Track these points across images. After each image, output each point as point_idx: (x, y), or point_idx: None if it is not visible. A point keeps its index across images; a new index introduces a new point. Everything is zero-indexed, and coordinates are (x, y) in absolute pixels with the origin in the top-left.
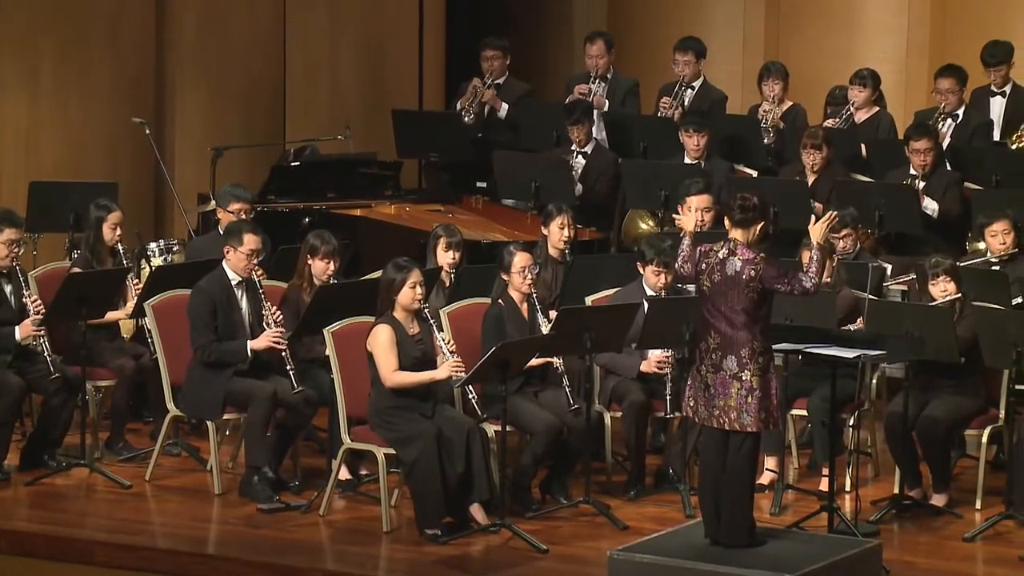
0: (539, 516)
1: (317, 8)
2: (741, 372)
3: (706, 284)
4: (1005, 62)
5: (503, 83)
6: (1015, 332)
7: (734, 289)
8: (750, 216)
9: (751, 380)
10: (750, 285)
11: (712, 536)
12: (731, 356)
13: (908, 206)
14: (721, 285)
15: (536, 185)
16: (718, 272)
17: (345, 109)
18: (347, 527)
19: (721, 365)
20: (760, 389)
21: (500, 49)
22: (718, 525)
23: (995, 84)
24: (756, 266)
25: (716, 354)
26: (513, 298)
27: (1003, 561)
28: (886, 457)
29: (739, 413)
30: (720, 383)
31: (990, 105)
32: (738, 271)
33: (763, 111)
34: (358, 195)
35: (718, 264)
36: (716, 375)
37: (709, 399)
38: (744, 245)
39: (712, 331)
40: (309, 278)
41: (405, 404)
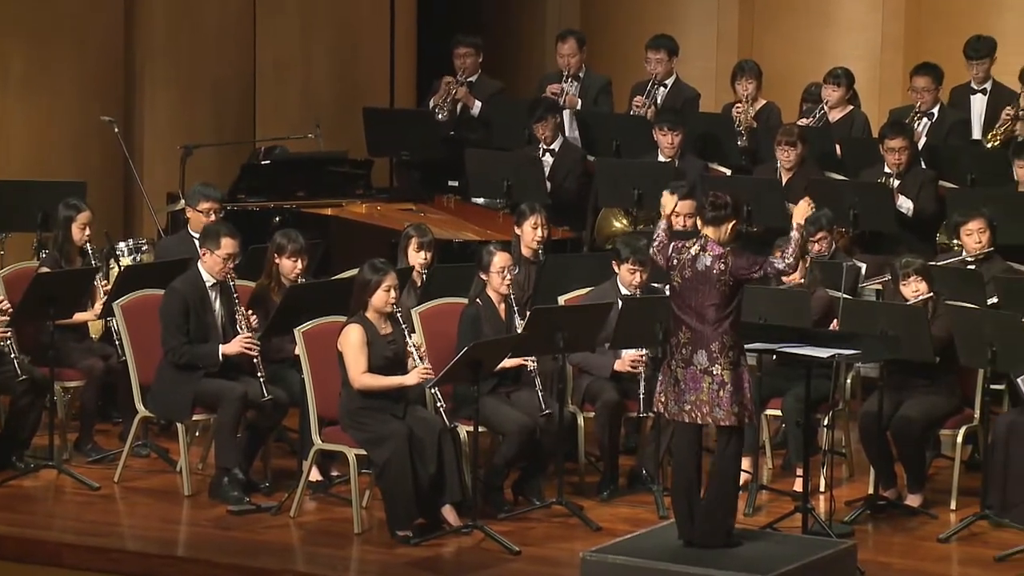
0: (511, 517)
1: (287, 5)
2: (711, 367)
3: (677, 280)
4: (988, 56)
5: (475, 81)
6: (990, 331)
7: (705, 285)
8: (722, 214)
9: (722, 375)
10: (721, 279)
11: (686, 538)
12: (701, 351)
13: (883, 205)
14: (692, 281)
15: (508, 184)
16: (689, 268)
17: (316, 107)
18: (318, 529)
19: (691, 360)
20: (732, 383)
21: (472, 46)
22: (691, 526)
23: (976, 80)
24: (724, 260)
25: (686, 349)
26: (491, 298)
27: (978, 562)
28: (860, 457)
29: (711, 407)
30: (691, 378)
31: (970, 103)
32: (708, 266)
33: (736, 111)
34: (329, 194)
35: (689, 260)
36: (686, 370)
37: (679, 394)
38: (715, 242)
39: (683, 327)
40: (277, 277)
41: (376, 405)
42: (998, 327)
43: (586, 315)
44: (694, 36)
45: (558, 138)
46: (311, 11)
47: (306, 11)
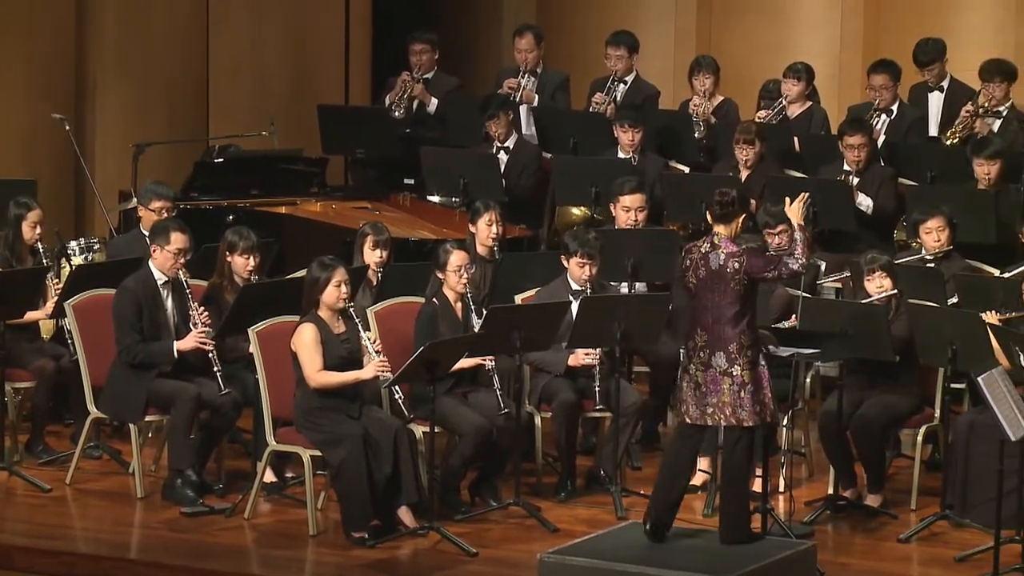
0: (468, 519)
1: (240, 1)
2: (731, 368)
3: (691, 281)
4: (937, 60)
5: (432, 77)
6: (951, 330)
7: (720, 283)
8: (731, 210)
9: (742, 375)
10: (735, 278)
11: (654, 521)
12: (720, 353)
13: (842, 202)
14: (707, 280)
15: (464, 181)
16: (703, 267)
17: (270, 104)
18: (272, 530)
19: (710, 362)
20: (752, 383)
21: (428, 43)
22: (667, 514)
23: (931, 80)
24: (739, 258)
25: (704, 352)
26: (447, 297)
27: (938, 562)
28: (820, 457)
29: (734, 409)
30: (711, 380)
31: (928, 101)
32: (722, 264)
33: (694, 105)
34: (283, 192)
35: (701, 259)
36: (706, 373)
37: (700, 398)
38: (727, 238)
39: (699, 328)
40: (229, 275)
41: (331, 405)
42: (958, 326)
43: (543, 314)
44: (652, 33)
45: (512, 135)
46: (264, 7)
47: (259, 7)
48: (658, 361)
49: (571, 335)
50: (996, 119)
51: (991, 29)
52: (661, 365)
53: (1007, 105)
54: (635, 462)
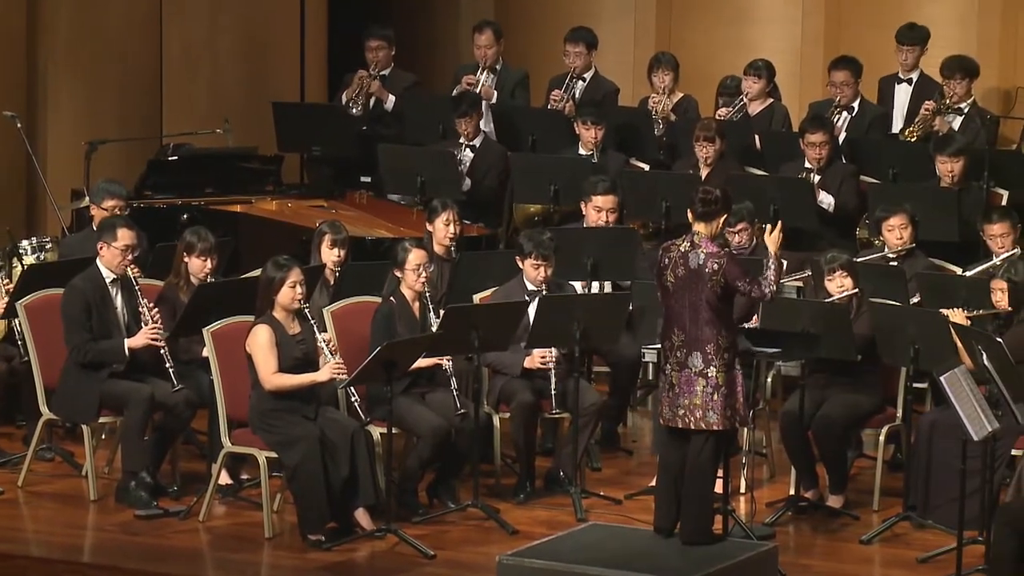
0: (426, 520)
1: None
2: (707, 369)
3: (670, 280)
4: (920, 44)
5: (389, 74)
6: (913, 329)
7: (698, 283)
8: (713, 209)
9: (717, 377)
10: (713, 279)
11: (664, 528)
12: (696, 353)
13: (803, 200)
14: (685, 279)
15: (422, 179)
16: (681, 266)
17: (224, 101)
18: (228, 533)
19: (686, 363)
20: (726, 386)
21: (384, 39)
22: (673, 517)
23: (904, 68)
24: (720, 260)
25: (681, 352)
26: (405, 296)
27: (901, 563)
28: (782, 457)
29: (704, 411)
30: (685, 381)
31: (895, 92)
32: (701, 264)
33: (653, 102)
34: (238, 190)
35: (680, 258)
36: (681, 373)
37: (674, 399)
38: (707, 238)
39: (676, 328)
40: (186, 276)
41: (287, 406)
42: (921, 325)
43: (501, 314)
44: (611, 29)
45: (480, 134)
46: (219, 3)
47: (214, 3)
48: (618, 361)
49: (529, 335)
50: (957, 116)
51: (953, 25)
52: (621, 365)
53: (968, 102)
54: (595, 463)
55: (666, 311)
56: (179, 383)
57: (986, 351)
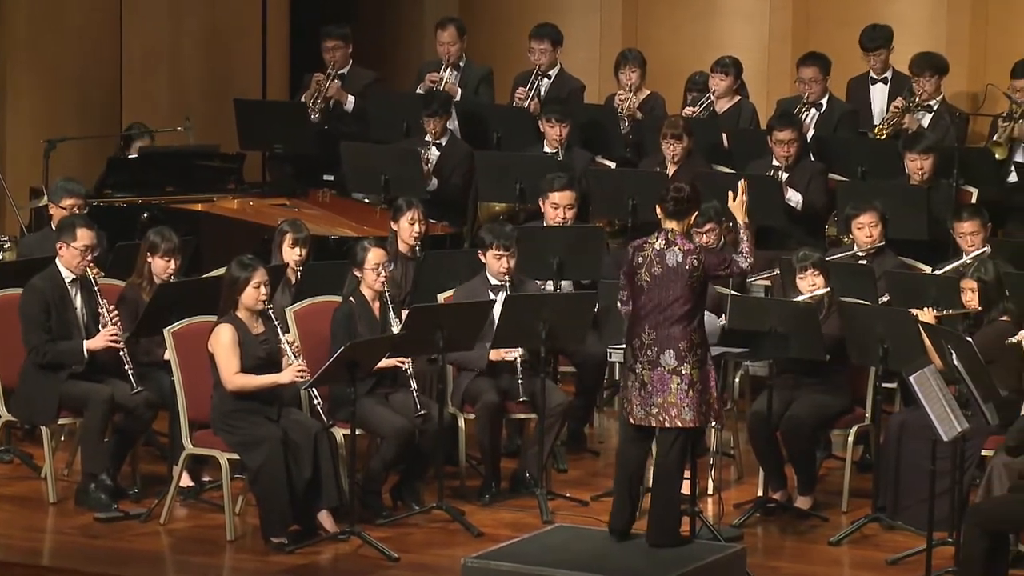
0: (390, 523)
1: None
2: (680, 366)
3: (645, 279)
4: (884, 47)
5: (347, 73)
6: (882, 329)
7: (676, 281)
8: (685, 206)
9: (691, 374)
10: (694, 276)
11: (619, 528)
12: (669, 351)
13: (771, 198)
14: (662, 278)
15: (386, 178)
16: (658, 265)
17: (185, 99)
18: (189, 536)
19: (659, 361)
20: (700, 382)
21: (341, 38)
22: (629, 519)
23: (875, 70)
24: (698, 256)
25: (652, 350)
26: (365, 296)
27: (870, 565)
28: (749, 458)
29: (679, 409)
30: (658, 379)
31: (871, 93)
32: (680, 262)
33: (619, 99)
34: (199, 189)
35: (656, 256)
36: (653, 372)
37: (646, 397)
38: (682, 235)
39: (647, 326)
40: (149, 277)
41: (249, 407)
42: (890, 324)
43: (466, 313)
44: (576, 26)
45: (446, 133)
46: (179, 0)
47: (174, 0)
48: (584, 361)
49: (495, 335)
50: (927, 113)
51: (922, 22)
52: (587, 365)
53: (938, 99)
54: (561, 464)
55: (636, 309)
56: (139, 385)
57: (956, 351)
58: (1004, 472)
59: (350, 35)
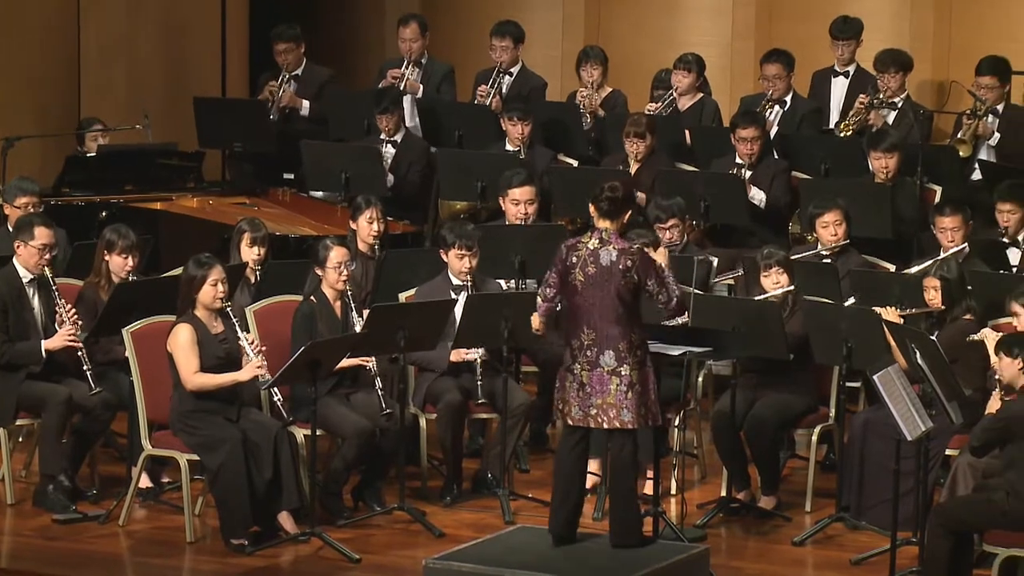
0: (351, 524)
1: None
2: (620, 367)
3: (579, 278)
4: (854, 38)
5: (302, 73)
6: (846, 328)
7: (610, 280)
8: (619, 205)
9: (630, 375)
10: (627, 275)
11: (557, 532)
12: (608, 351)
13: (734, 196)
14: (596, 277)
15: (346, 176)
16: (592, 264)
17: (144, 97)
18: (148, 538)
19: (598, 361)
20: (640, 384)
21: (292, 40)
22: (568, 524)
23: (840, 62)
24: (633, 256)
25: (591, 351)
26: (326, 295)
27: (834, 565)
28: (713, 458)
29: (618, 410)
30: (597, 380)
31: (832, 87)
32: (613, 261)
33: (581, 96)
34: (158, 187)
35: (590, 255)
36: (592, 372)
37: (584, 398)
38: (616, 234)
39: (585, 327)
40: (107, 275)
41: (209, 408)
42: (854, 323)
43: (428, 312)
44: (538, 22)
45: (401, 130)
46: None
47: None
48: (547, 361)
49: (457, 334)
50: (891, 111)
51: (886, 18)
52: (550, 365)
53: (902, 96)
54: (523, 464)
55: (574, 310)
56: (97, 385)
57: (920, 349)
58: (968, 471)
59: (300, 35)
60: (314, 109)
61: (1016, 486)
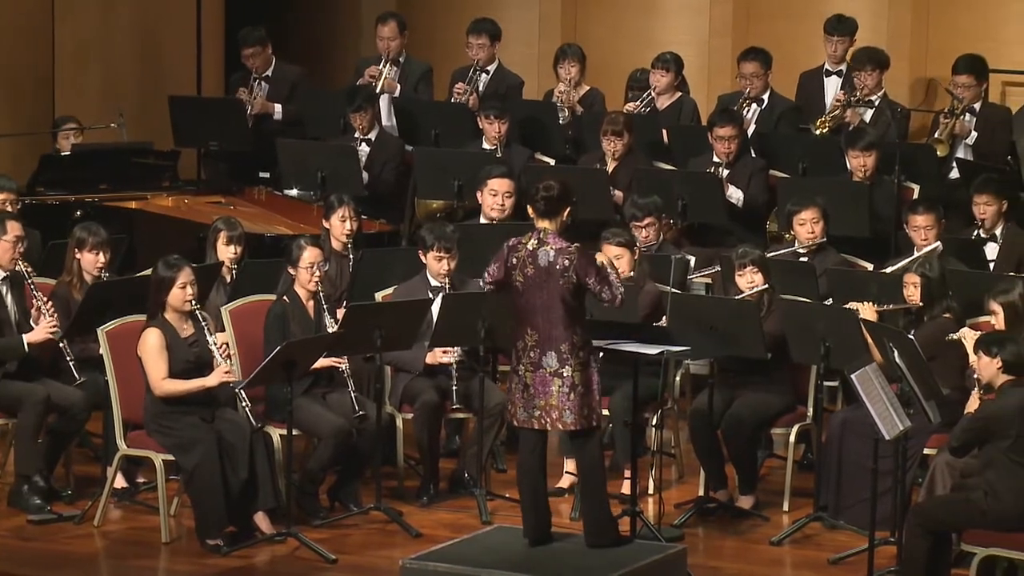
0: (327, 524)
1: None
2: (562, 368)
3: (519, 279)
4: (848, 36)
5: (272, 74)
6: (823, 327)
7: (549, 280)
8: (556, 205)
9: (572, 376)
10: (565, 275)
11: (531, 537)
12: (551, 352)
13: (712, 195)
14: (535, 278)
15: (322, 175)
16: (530, 265)
17: (118, 95)
18: (124, 538)
19: (540, 363)
20: (582, 385)
21: (258, 43)
22: (540, 527)
23: (832, 60)
24: (570, 256)
25: (534, 352)
26: (299, 295)
27: (812, 565)
28: (690, 458)
29: (561, 412)
30: (540, 382)
31: (824, 86)
32: (551, 261)
33: (559, 93)
34: (133, 186)
35: (528, 256)
36: (535, 374)
37: (528, 400)
38: (555, 234)
39: (528, 328)
40: (79, 273)
41: (183, 408)
42: (831, 322)
43: (404, 312)
44: (515, 21)
45: (375, 128)
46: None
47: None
48: None
49: (433, 334)
50: (868, 109)
51: (864, 16)
52: None
53: (879, 94)
54: (500, 464)
55: (517, 311)
56: (80, 374)
57: (898, 348)
58: (947, 471)
59: (266, 36)
60: (287, 112)
61: (995, 486)
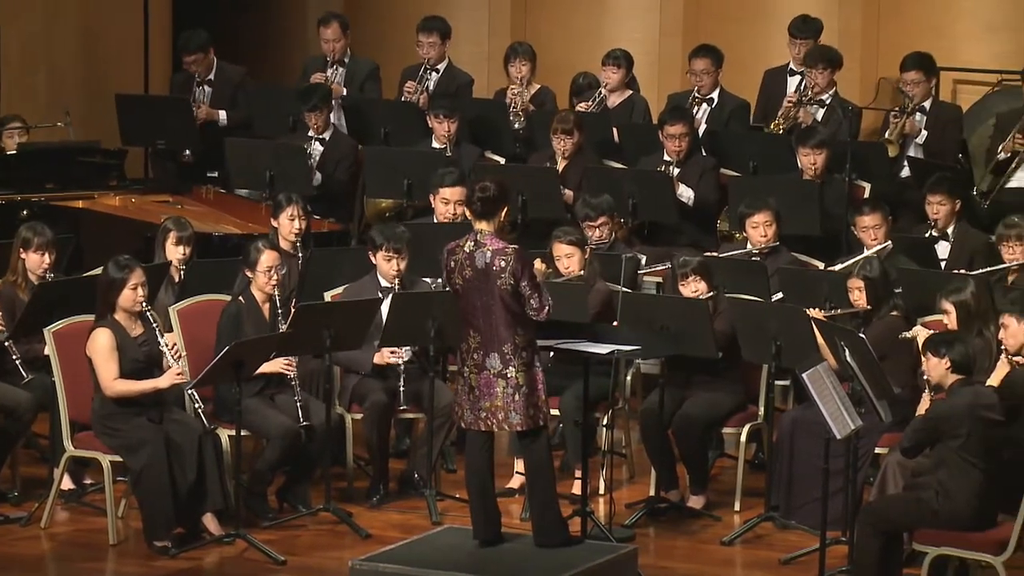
0: (276, 525)
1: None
2: (505, 369)
3: (458, 282)
4: (812, 37)
5: (214, 77)
6: (774, 326)
7: (488, 282)
8: (492, 206)
9: (516, 377)
10: (502, 277)
11: (482, 537)
12: (494, 354)
13: (662, 194)
14: (473, 280)
15: (271, 174)
16: (468, 267)
17: (64, 93)
18: (71, 540)
19: (484, 364)
20: (527, 385)
21: (199, 50)
22: (488, 527)
23: (796, 61)
24: (507, 256)
25: (478, 353)
26: (255, 297)
27: (763, 565)
28: (641, 458)
29: (506, 413)
30: (484, 383)
31: (788, 86)
32: (488, 262)
33: (511, 94)
34: (80, 186)
35: (466, 259)
36: (480, 375)
37: (474, 401)
38: (491, 234)
39: (471, 330)
40: (24, 273)
41: (131, 409)
42: (782, 321)
43: (353, 312)
44: (464, 19)
45: (329, 127)
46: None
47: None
48: None
49: (383, 333)
50: (820, 107)
51: (815, 15)
52: None
53: (831, 93)
54: (450, 465)
55: (460, 313)
56: (28, 372)
57: (849, 347)
58: (898, 470)
59: (207, 40)
60: (232, 118)
61: (946, 485)
